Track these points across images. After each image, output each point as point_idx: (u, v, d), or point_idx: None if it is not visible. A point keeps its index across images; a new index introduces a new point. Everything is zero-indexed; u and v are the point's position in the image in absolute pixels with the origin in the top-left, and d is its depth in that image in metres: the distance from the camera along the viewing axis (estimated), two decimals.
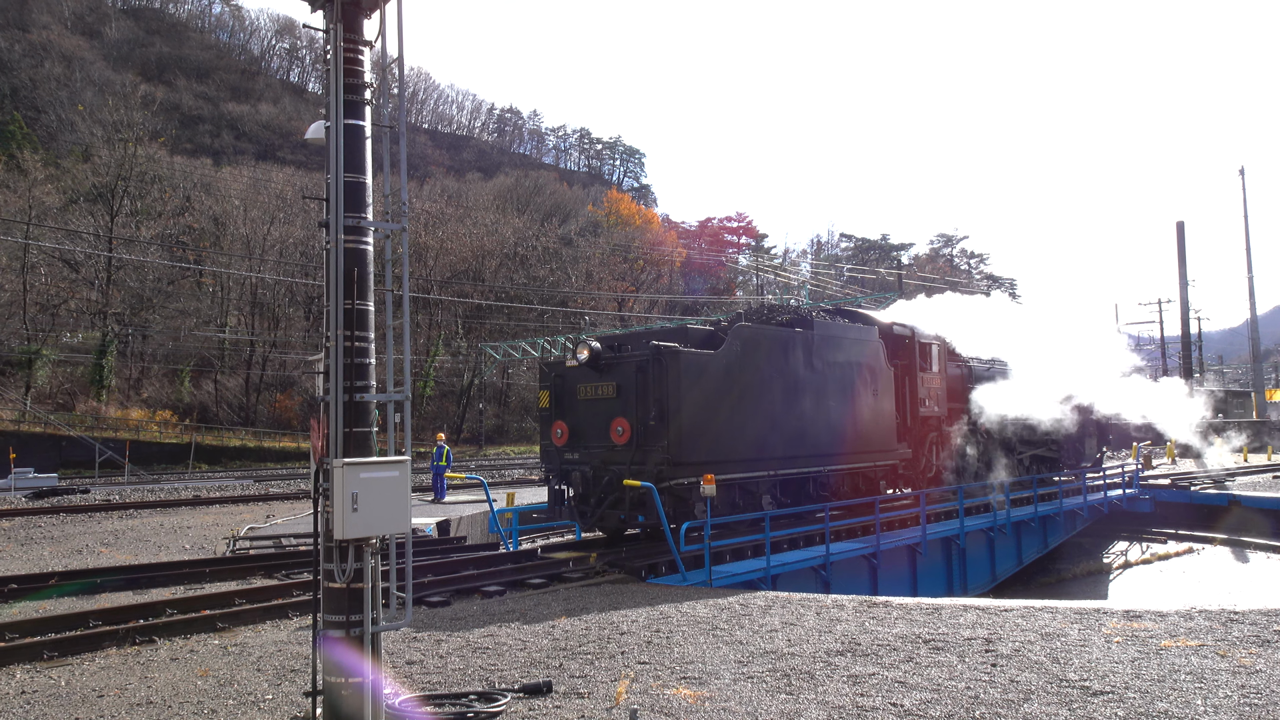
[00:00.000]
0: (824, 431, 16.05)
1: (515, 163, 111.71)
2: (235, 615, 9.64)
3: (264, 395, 56.36)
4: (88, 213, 53.02)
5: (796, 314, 17.22)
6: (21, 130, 64.86)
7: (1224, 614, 8.95)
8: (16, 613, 10.26)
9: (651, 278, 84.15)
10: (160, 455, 44.78)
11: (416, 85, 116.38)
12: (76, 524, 19.53)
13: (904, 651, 7.84)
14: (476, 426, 61.08)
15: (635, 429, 13.33)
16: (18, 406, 44.60)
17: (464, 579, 11.59)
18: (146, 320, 53.17)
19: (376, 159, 6.12)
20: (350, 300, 5.78)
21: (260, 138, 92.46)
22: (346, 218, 5.81)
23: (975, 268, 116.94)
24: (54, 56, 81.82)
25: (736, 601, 10.31)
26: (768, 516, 13.40)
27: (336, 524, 5.54)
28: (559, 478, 14.64)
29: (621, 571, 12.43)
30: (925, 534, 16.27)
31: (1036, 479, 21.55)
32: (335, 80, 5.84)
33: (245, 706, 6.64)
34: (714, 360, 13.98)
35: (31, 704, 6.80)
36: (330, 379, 5.75)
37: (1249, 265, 55.17)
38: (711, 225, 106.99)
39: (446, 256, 65.55)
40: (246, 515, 20.86)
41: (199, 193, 61.61)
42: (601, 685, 6.98)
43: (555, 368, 14.96)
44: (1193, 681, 6.66)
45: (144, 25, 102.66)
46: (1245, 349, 69.77)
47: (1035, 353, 21.47)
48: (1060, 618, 9.05)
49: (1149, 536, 26.54)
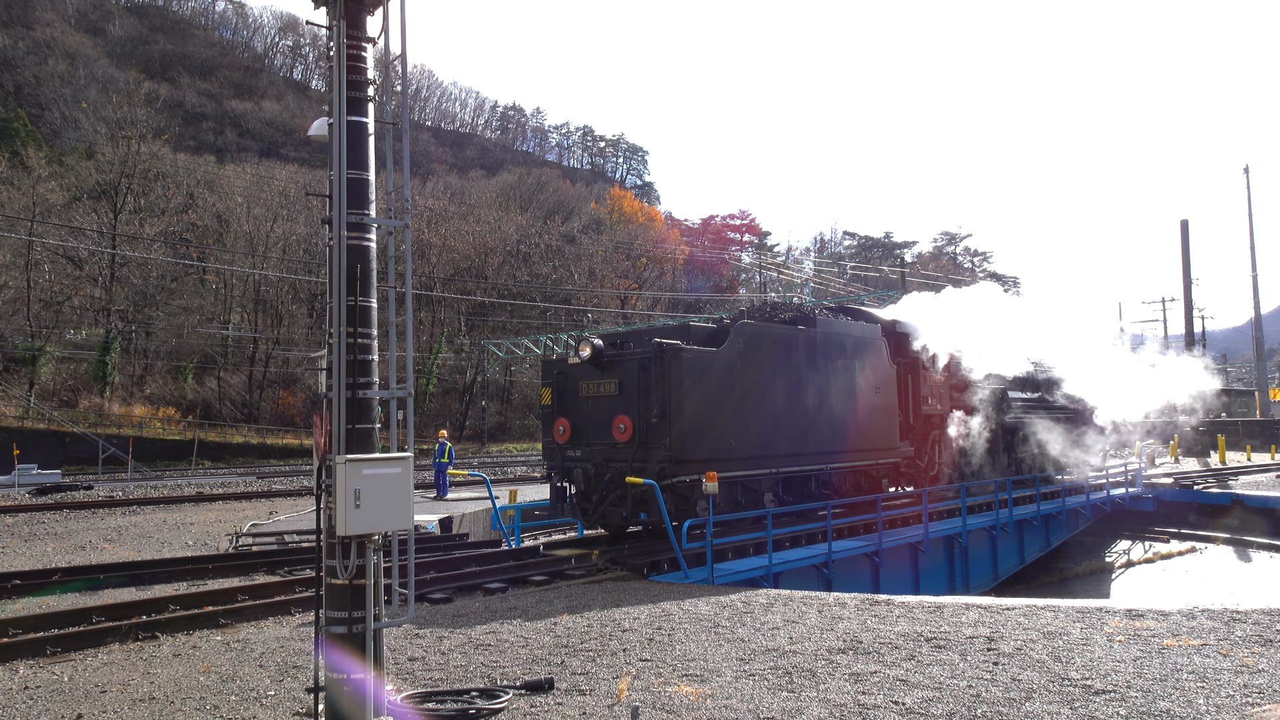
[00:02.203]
0: (826, 430, 16.03)
1: (518, 160, 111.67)
2: (238, 611, 9.65)
3: (267, 392, 56.43)
4: (91, 210, 53.08)
5: (799, 312, 17.21)
6: (25, 127, 64.93)
7: (1227, 613, 8.93)
8: (20, 608, 10.28)
9: (654, 275, 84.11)
10: (163, 452, 44.85)
11: (419, 82, 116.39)
12: (80, 520, 19.57)
13: (906, 650, 7.83)
14: (479, 424, 61.13)
15: (637, 426, 13.32)
16: (21, 403, 44.68)
17: (466, 576, 11.60)
18: (150, 317, 53.26)
19: (379, 156, 6.12)
20: (353, 297, 5.78)
21: (263, 135, 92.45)
22: (349, 214, 5.81)
23: (979, 266, 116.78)
24: (58, 54, 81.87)
25: (738, 599, 10.31)
26: (770, 514, 13.39)
27: (339, 520, 5.55)
28: (561, 475, 14.63)
29: (624, 569, 12.43)
30: (928, 532, 16.26)
31: (1039, 477, 21.52)
32: (338, 77, 5.83)
33: (248, 702, 6.65)
34: (716, 358, 13.96)
35: (35, 699, 6.82)
36: (333, 376, 5.76)
37: (1253, 264, 55.18)
38: (714, 223, 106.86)
39: (449, 254, 65.59)
40: (249, 512, 20.89)
41: (202, 190, 61.66)
42: (603, 682, 6.99)
43: (558, 365, 14.95)
44: (1195, 681, 6.65)
45: (147, 22, 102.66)
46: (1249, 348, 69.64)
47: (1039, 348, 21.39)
48: (1062, 616, 9.04)
49: (1152, 535, 26.52)
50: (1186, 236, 52.10)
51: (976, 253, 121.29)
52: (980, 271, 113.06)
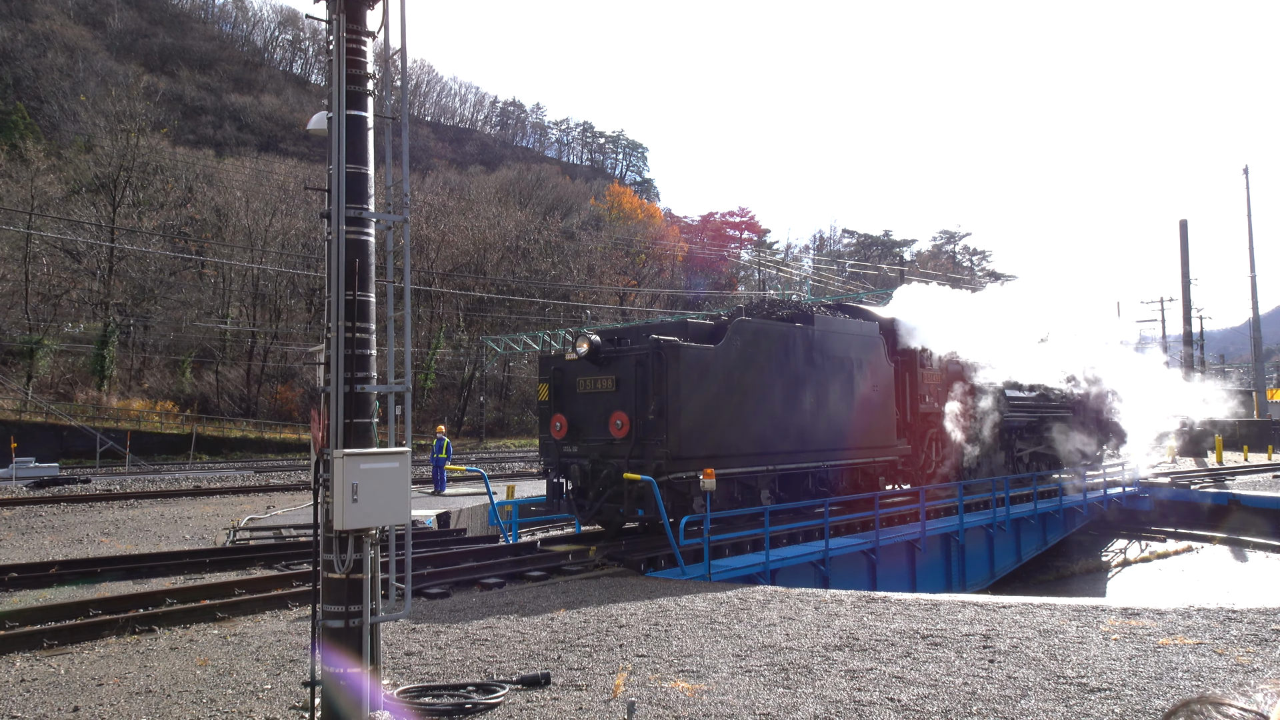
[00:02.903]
0: (824, 427, 16.03)
1: (518, 156, 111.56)
2: (235, 605, 9.66)
3: (265, 386, 56.41)
4: (90, 203, 53.02)
5: (797, 309, 17.20)
6: (24, 120, 64.79)
7: (1222, 612, 8.95)
8: (17, 601, 10.28)
9: (653, 272, 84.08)
10: (161, 446, 44.84)
11: (419, 77, 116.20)
12: (77, 514, 19.57)
13: (902, 647, 7.85)
14: (477, 419, 61.13)
15: (634, 423, 13.31)
16: (19, 396, 44.64)
17: (463, 571, 11.61)
18: (148, 311, 53.21)
19: (378, 151, 6.11)
20: (351, 292, 5.77)
21: (262, 129, 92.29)
22: (348, 209, 5.81)
23: (978, 265, 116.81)
24: (57, 47, 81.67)
25: (735, 595, 10.32)
26: (767, 511, 13.41)
27: (336, 515, 5.55)
28: (558, 471, 14.61)
29: (620, 565, 12.44)
30: (925, 530, 16.28)
31: (1036, 476, 21.55)
32: (337, 71, 5.83)
33: (244, 696, 6.65)
34: (714, 355, 13.95)
35: (31, 692, 6.82)
36: (331, 370, 5.76)
37: (1252, 264, 55.14)
38: (714, 220, 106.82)
39: (448, 249, 65.55)
40: (247, 506, 20.89)
41: (201, 184, 61.57)
42: (599, 678, 7.00)
43: (555, 361, 14.94)
44: (1190, 679, 6.66)
45: (147, 16, 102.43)
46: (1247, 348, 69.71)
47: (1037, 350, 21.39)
48: (1058, 615, 9.06)
49: (1148, 535, 26.54)
50: (1185, 237, 52.07)
51: (976, 251, 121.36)
52: (979, 270, 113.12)
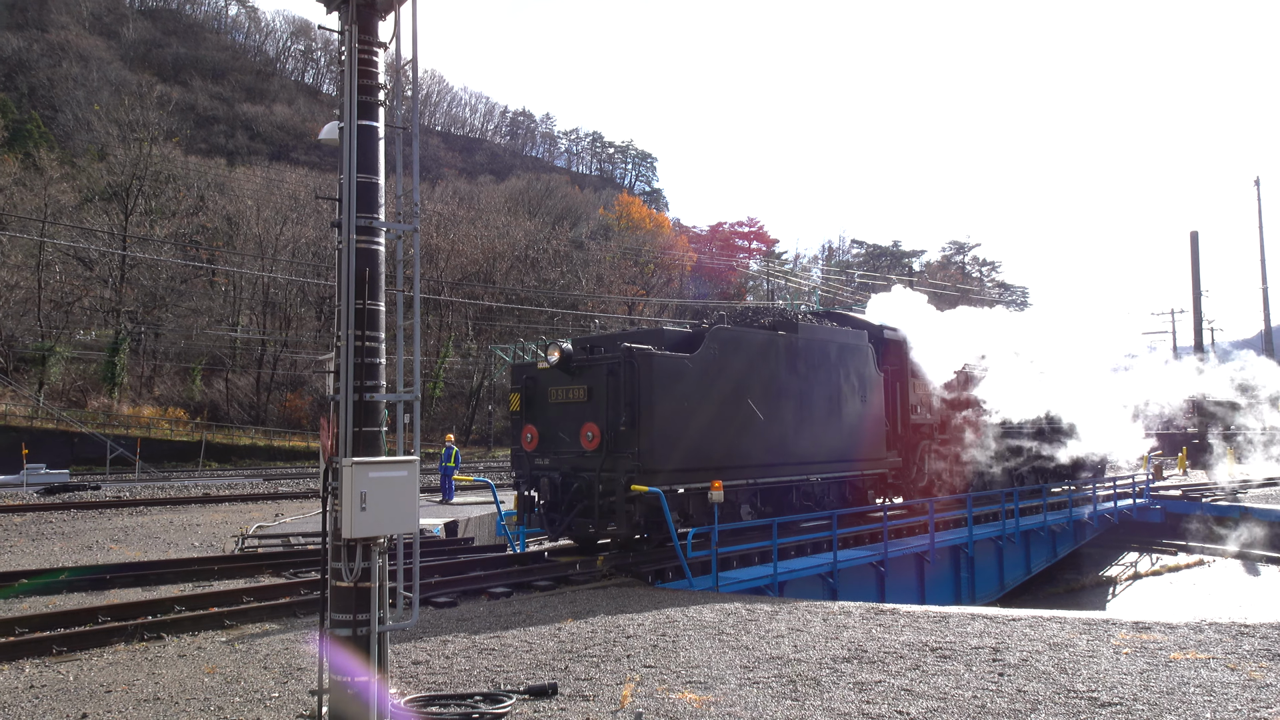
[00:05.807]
0: (807, 439, 15.48)
1: (527, 166, 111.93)
2: (243, 613, 9.67)
3: (274, 394, 56.60)
4: (102, 211, 53.42)
5: (781, 316, 16.58)
6: (38, 129, 65.36)
7: (1234, 627, 8.88)
8: (26, 607, 10.32)
9: (662, 281, 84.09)
10: (171, 453, 45.02)
11: (430, 87, 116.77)
12: (87, 520, 19.64)
13: (911, 659, 7.80)
14: (485, 428, 61.17)
15: (605, 434, 12.73)
16: (31, 403, 44.90)
17: (471, 580, 11.60)
18: (159, 318, 53.52)
19: (389, 160, 6.14)
20: (361, 300, 5.80)
21: (274, 138, 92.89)
22: (359, 218, 5.84)
23: (987, 276, 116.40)
24: (71, 56, 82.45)
25: (743, 607, 10.28)
26: (775, 524, 13.31)
27: (345, 523, 5.56)
28: (529, 483, 14.04)
29: (628, 575, 12.42)
30: (934, 542, 16.20)
31: (1046, 488, 21.39)
32: (349, 81, 5.87)
33: (252, 704, 6.66)
34: (690, 364, 13.38)
35: (40, 698, 6.84)
36: (340, 378, 5.77)
37: (1263, 276, 54.72)
38: (723, 230, 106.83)
39: (457, 258, 65.71)
40: (255, 513, 20.94)
41: (213, 192, 61.96)
42: (607, 688, 6.98)
43: (527, 369, 14.44)
44: (1202, 694, 6.61)
45: (161, 26, 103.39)
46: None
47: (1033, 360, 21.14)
48: (1068, 628, 9.00)
49: (1159, 547, 26.37)
50: (1196, 248, 51.82)
51: (985, 262, 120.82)
52: (989, 281, 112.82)
